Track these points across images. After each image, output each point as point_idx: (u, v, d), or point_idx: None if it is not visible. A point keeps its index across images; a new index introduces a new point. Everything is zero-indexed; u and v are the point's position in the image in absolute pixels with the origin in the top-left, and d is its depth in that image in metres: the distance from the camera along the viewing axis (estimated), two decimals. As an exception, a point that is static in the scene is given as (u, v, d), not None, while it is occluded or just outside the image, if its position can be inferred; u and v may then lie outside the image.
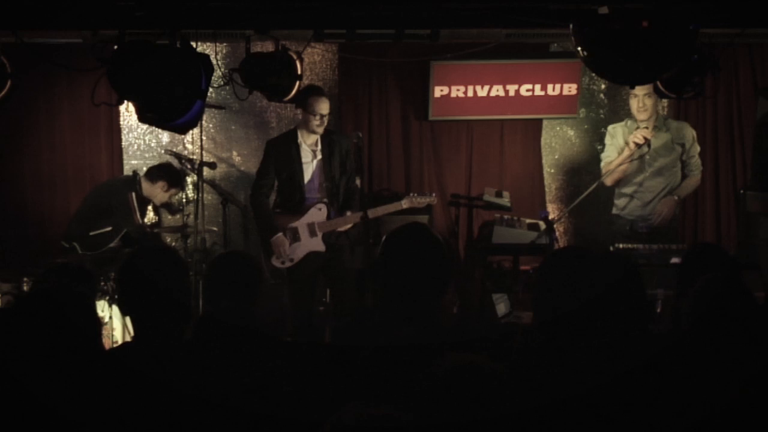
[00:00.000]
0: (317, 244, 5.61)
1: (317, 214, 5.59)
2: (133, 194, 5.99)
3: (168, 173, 6.10)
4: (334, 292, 5.85)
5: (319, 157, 5.60)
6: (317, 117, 5.45)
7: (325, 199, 5.62)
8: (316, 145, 5.59)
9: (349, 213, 5.60)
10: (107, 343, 4.90)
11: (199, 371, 2.59)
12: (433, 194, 5.74)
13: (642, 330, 2.00)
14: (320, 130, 5.50)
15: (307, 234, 5.60)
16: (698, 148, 5.93)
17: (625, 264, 2.13)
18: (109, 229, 5.97)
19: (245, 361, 2.68)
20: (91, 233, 5.95)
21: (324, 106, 5.47)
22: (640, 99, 5.65)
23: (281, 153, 5.61)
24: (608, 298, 2.00)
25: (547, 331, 2.03)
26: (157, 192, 6.10)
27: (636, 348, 2.01)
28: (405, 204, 5.65)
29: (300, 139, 5.57)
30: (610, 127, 5.99)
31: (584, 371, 1.98)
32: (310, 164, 5.61)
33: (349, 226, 5.60)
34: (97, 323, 2.54)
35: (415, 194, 5.71)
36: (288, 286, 5.73)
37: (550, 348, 2.02)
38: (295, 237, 5.61)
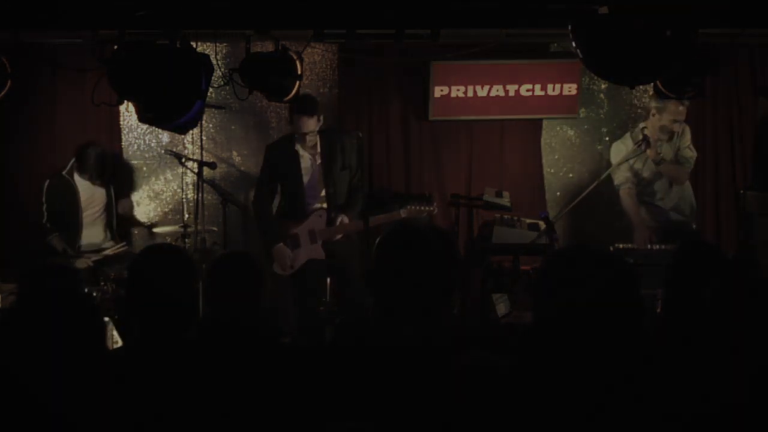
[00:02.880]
0: (317, 252, 5.58)
1: (318, 220, 5.56)
2: (46, 182, 5.97)
3: (76, 155, 5.98)
4: (339, 295, 5.81)
5: (319, 161, 5.57)
6: (300, 134, 5.46)
7: (325, 205, 5.59)
8: (315, 148, 5.56)
9: (346, 219, 5.54)
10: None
11: (200, 372, 2.59)
12: (434, 204, 5.69)
13: (639, 330, 2.00)
14: (309, 144, 5.49)
15: (308, 241, 5.57)
16: (687, 142, 6.02)
17: (621, 264, 2.12)
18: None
19: (246, 363, 2.68)
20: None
21: (308, 125, 5.43)
22: (677, 124, 5.80)
23: (280, 159, 5.59)
24: (604, 297, 2.01)
25: (546, 331, 2.04)
26: (83, 181, 6.01)
27: (633, 348, 2.01)
28: (404, 214, 5.59)
29: (297, 145, 5.55)
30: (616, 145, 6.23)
31: (584, 372, 1.98)
32: (309, 169, 5.58)
33: (344, 233, 5.57)
34: (102, 325, 2.54)
35: (415, 205, 5.64)
36: (293, 290, 5.71)
37: (549, 348, 2.03)
38: (295, 244, 5.59)
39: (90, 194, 6.07)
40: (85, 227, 6.05)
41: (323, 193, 5.63)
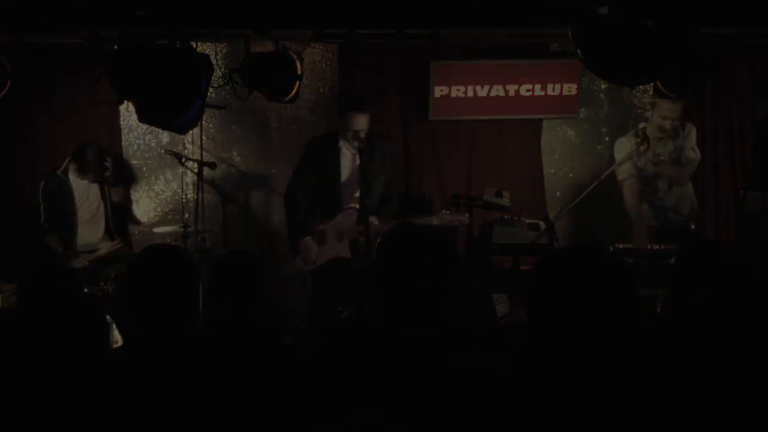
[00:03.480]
0: (343, 250, 5.56)
1: (347, 219, 5.54)
2: (42, 182, 5.95)
3: (75, 157, 5.96)
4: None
5: (358, 162, 5.56)
6: (351, 132, 5.43)
7: (356, 205, 5.57)
8: (357, 149, 5.55)
9: (376, 221, 5.50)
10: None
11: (201, 372, 2.59)
12: (466, 215, 5.61)
13: (637, 330, 2.01)
14: (356, 143, 5.46)
15: (334, 238, 5.56)
16: (692, 143, 6.02)
17: (617, 264, 2.13)
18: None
19: (245, 362, 2.69)
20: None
21: (360, 122, 5.41)
22: (669, 121, 5.78)
23: (321, 154, 5.56)
24: (600, 298, 2.01)
25: (542, 331, 2.04)
26: (77, 180, 5.99)
27: (630, 348, 2.02)
28: (435, 221, 5.56)
29: (341, 142, 5.53)
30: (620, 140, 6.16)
31: (581, 371, 1.98)
32: (348, 168, 5.56)
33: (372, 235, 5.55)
34: (105, 325, 2.55)
35: (448, 211, 5.59)
36: (312, 288, 5.69)
37: (546, 348, 2.03)
38: (321, 240, 5.57)
39: (84, 193, 6.05)
40: (80, 226, 6.04)
41: (357, 193, 5.61)
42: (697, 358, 2.42)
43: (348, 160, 5.58)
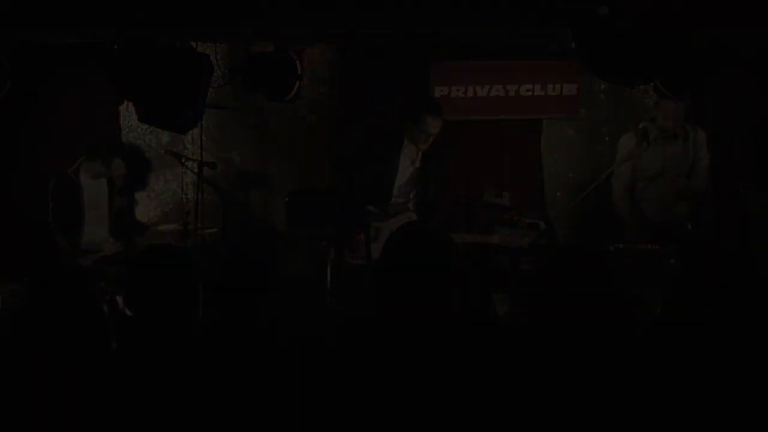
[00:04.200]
0: None
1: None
2: (52, 182, 5.91)
3: (90, 155, 5.93)
4: None
5: (417, 165, 5.51)
6: (424, 135, 5.36)
7: (413, 208, 5.52)
8: (417, 154, 5.50)
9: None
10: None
11: (201, 372, 2.59)
12: (526, 239, 5.49)
13: (629, 328, 2.02)
14: (425, 146, 5.39)
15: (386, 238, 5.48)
16: (704, 149, 6.02)
17: (607, 263, 2.14)
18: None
19: (246, 362, 2.69)
20: None
21: (436, 126, 5.33)
22: (671, 122, 5.77)
23: (384, 150, 5.48)
24: (595, 297, 2.02)
25: (541, 331, 2.05)
26: (87, 180, 5.97)
27: (624, 347, 2.03)
28: (496, 240, 5.47)
29: (406, 142, 5.46)
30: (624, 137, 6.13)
31: (576, 369, 1.99)
32: (407, 169, 5.50)
33: None
34: (108, 325, 2.55)
35: (508, 231, 5.45)
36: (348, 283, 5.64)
37: (543, 346, 2.04)
38: (375, 237, 5.49)
39: (94, 194, 6.05)
40: (88, 226, 6.04)
41: (411, 195, 5.57)
42: (696, 358, 2.42)
43: (407, 160, 5.51)
